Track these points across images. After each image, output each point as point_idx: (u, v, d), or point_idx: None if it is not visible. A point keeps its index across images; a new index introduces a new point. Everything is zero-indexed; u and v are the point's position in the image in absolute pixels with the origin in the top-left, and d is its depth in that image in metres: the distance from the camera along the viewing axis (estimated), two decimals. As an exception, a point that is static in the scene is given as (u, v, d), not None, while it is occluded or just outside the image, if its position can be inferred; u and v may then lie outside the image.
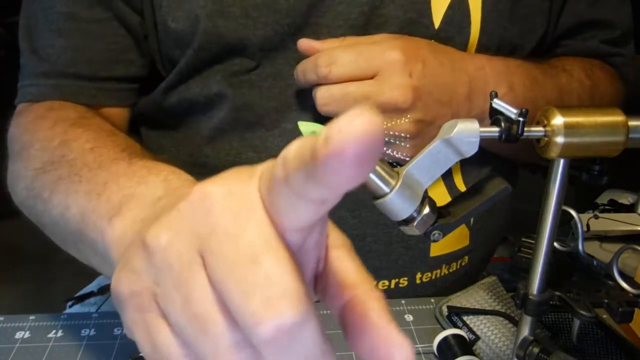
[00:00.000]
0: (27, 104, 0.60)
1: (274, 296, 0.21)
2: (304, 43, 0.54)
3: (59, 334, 0.56)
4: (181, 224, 0.24)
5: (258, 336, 0.21)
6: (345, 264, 0.26)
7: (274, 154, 0.21)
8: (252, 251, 0.22)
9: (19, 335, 0.56)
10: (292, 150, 0.21)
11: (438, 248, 0.64)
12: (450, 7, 0.58)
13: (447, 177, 0.63)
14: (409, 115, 0.52)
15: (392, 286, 0.65)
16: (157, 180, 0.36)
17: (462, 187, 0.64)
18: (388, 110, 0.52)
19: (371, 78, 0.52)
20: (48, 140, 0.50)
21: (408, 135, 0.53)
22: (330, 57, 0.51)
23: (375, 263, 0.63)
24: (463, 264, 0.68)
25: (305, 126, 0.39)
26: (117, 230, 0.33)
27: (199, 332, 0.23)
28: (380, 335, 0.24)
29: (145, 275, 0.25)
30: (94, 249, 0.36)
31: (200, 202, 0.24)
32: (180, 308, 0.24)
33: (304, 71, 0.53)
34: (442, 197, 0.62)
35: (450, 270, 0.67)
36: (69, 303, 0.76)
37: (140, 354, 0.55)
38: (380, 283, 0.64)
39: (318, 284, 0.27)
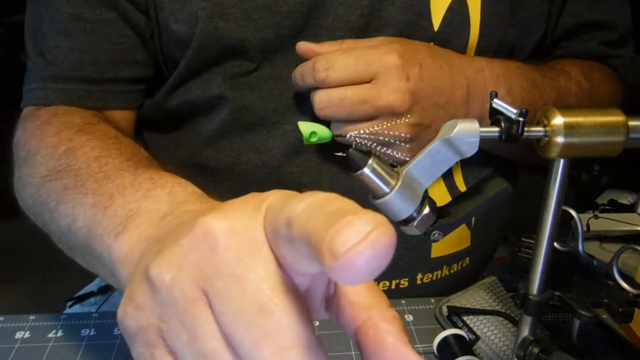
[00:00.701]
0: (33, 108, 0.60)
1: (284, 346, 0.21)
2: (303, 46, 0.54)
3: (59, 334, 0.56)
4: (185, 260, 0.24)
5: None
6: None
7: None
8: (260, 297, 0.22)
9: (19, 335, 0.56)
10: (298, 214, 0.21)
11: (439, 249, 0.64)
12: (449, 9, 0.58)
13: (447, 177, 0.63)
14: (406, 119, 0.52)
15: (393, 287, 0.65)
16: (162, 193, 0.36)
17: (462, 187, 0.64)
18: (385, 114, 0.52)
19: (369, 82, 0.52)
20: (53, 146, 0.50)
21: (408, 137, 0.53)
22: (328, 61, 0.51)
23: None
24: (464, 265, 0.68)
25: (304, 126, 0.38)
26: (124, 248, 0.33)
27: None
28: (396, 358, 0.24)
29: (150, 311, 0.25)
30: (101, 262, 0.36)
31: (203, 239, 0.24)
32: (187, 345, 0.24)
33: (302, 75, 0.54)
34: (442, 197, 0.62)
35: (451, 271, 0.67)
36: (69, 303, 0.76)
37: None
38: (381, 283, 0.64)
39: (330, 305, 0.27)
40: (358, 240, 0.18)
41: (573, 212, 0.42)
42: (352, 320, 0.25)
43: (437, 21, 0.58)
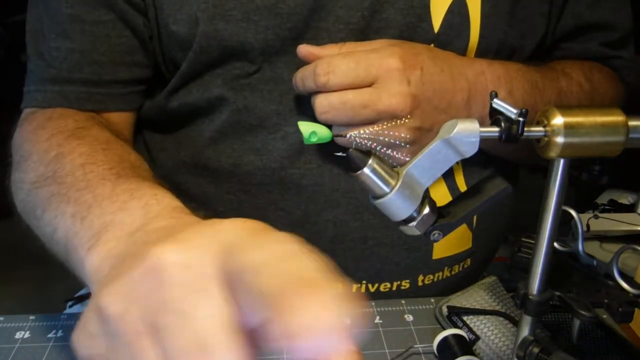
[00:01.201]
0: (32, 111, 0.60)
1: None
2: (303, 49, 0.54)
3: (59, 334, 0.56)
4: (134, 293, 0.24)
5: None
6: None
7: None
8: (204, 336, 0.22)
9: (19, 335, 0.56)
10: (258, 269, 0.21)
11: (441, 250, 0.64)
12: (449, 11, 0.58)
13: (448, 177, 0.63)
14: (406, 119, 0.52)
15: (394, 288, 0.65)
16: (137, 206, 0.36)
17: (463, 187, 0.64)
18: (386, 118, 0.52)
19: (369, 86, 0.52)
20: (45, 151, 0.51)
21: (408, 138, 0.53)
22: (329, 65, 0.51)
23: (377, 266, 0.63)
24: (465, 266, 0.68)
25: (305, 126, 0.38)
26: (94, 262, 0.33)
27: None
28: None
29: (99, 341, 0.26)
30: (78, 272, 0.37)
31: (153, 271, 0.24)
32: None
33: (303, 79, 0.54)
34: (443, 197, 0.62)
35: (453, 273, 0.67)
36: (69, 303, 0.76)
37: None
38: (382, 285, 0.64)
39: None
40: (311, 325, 0.19)
41: (573, 212, 0.42)
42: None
43: (437, 23, 0.58)
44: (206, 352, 0.22)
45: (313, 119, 0.53)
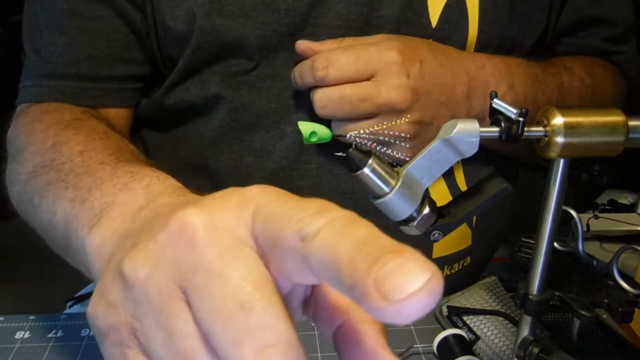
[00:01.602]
0: (27, 105, 0.60)
1: (265, 345, 0.20)
2: (301, 44, 0.54)
3: (59, 334, 0.56)
4: (161, 256, 0.23)
5: None
6: None
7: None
8: (240, 294, 0.21)
9: (19, 335, 0.56)
10: (317, 233, 0.20)
11: (441, 249, 0.64)
12: (447, 5, 0.58)
13: (448, 176, 0.63)
14: (407, 116, 0.51)
15: None
16: (139, 187, 0.35)
17: (464, 187, 0.64)
18: (386, 111, 0.52)
19: (368, 79, 0.52)
20: (41, 142, 0.50)
21: (408, 136, 0.52)
22: (327, 60, 0.51)
23: None
24: (465, 264, 0.68)
25: (304, 126, 0.38)
26: (96, 241, 0.32)
27: None
28: None
29: (123, 309, 0.24)
30: (78, 256, 0.36)
31: (180, 233, 0.23)
32: (162, 344, 0.23)
33: (301, 74, 0.53)
34: (444, 197, 0.62)
35: (452, 271, 0.67)
36: (69, 303, 0.76)
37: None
38: None
39: (308, 306, 0.26)
40: (416, 288, 0.18)
41: (573, 212, 0.42)
42: (330, 322, 0.25)
43: (434, 17, 0.58)
44: (243, 311, 0.21)
45: (311, 117, 0.53)
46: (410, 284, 0.18)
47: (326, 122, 0.53)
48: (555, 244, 0.41)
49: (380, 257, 0.18)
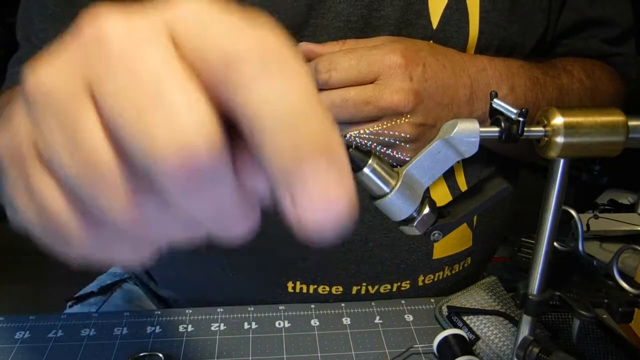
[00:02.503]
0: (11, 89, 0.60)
1: (184, 127, 0.17)
2: (304, 47, 0.54)
3: (59, 334, 0.56)
4: (69, 63, 0.20)
5: (164, 174, 0.18)
6: None
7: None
8: (156, 77, 0.18)
9: (19, 335, 0.56)
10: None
11: (441, 250, 0.64)
12: (447, 6, 0.58)
13: (449, 177, 0.63)
14: (406, 118, 0.51)
15: (394, 289, 0.65)
16: None
17: (464, 187, 0.64)
18: (389, 114, 0.52)
19: (371, 83, 0.52)
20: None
21: (409, 137, 0.53)
22: (330, 63, 0.51)
23: (378, 268, 0.63)
24: (465, 265, 0.68)
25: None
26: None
27: (90, 179, 0.20)
28: None
29: (23, 124, 0.21)
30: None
31: (92, 40, 0.20)
32: (66, 152, 0.20)
33: None
34: (444, 197, 0.62)
35: (453, 272, 0.67)
36: (69, 303, 0.76)
37: (141, 354, 0.55)
38: (382, 287, 0.64)
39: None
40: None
41: (573, 212, 0.42)
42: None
43: (435, 19, 0.58)
44: (156, 97, 0.18)
45: None
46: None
47: None
48: (555, 244, 0.41)
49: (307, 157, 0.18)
